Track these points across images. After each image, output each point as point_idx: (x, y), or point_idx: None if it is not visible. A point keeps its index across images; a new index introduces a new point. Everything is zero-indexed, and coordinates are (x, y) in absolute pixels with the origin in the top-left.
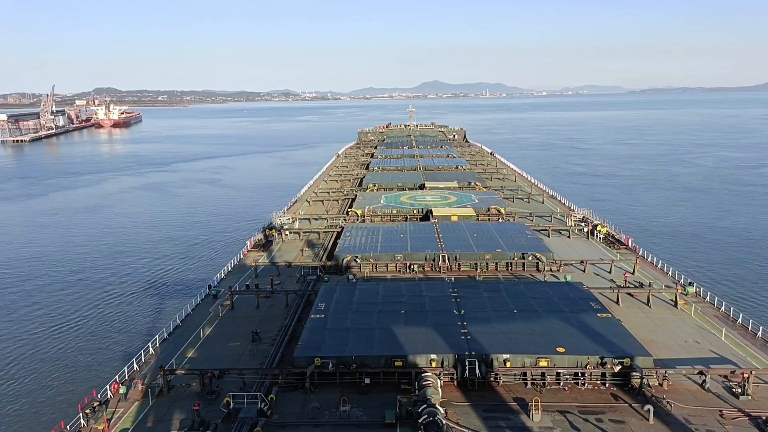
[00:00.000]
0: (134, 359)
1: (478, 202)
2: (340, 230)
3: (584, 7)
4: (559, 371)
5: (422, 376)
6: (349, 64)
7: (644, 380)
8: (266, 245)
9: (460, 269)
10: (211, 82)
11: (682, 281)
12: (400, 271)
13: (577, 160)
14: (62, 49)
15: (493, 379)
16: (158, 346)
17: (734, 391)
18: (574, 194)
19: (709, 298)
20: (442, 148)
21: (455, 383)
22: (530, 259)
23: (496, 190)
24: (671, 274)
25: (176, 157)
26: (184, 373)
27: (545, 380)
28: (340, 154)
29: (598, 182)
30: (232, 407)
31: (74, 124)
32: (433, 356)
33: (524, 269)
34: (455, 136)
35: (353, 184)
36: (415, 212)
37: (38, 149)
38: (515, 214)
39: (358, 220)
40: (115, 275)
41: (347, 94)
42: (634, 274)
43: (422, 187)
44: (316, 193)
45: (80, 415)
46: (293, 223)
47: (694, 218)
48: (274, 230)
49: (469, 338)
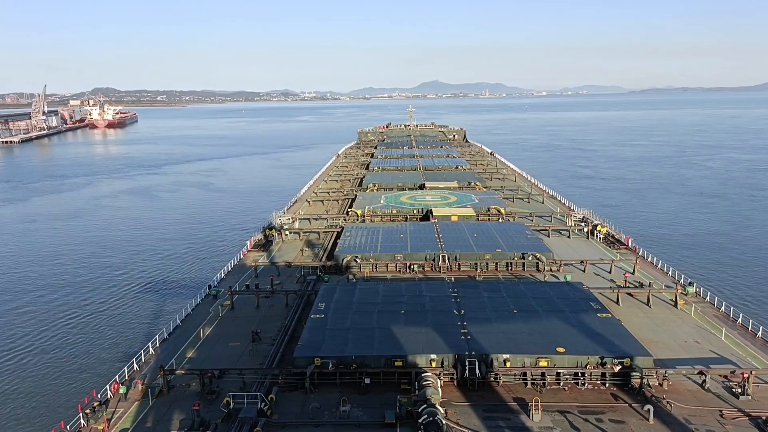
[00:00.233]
0: (134, 359)
1: (478, 202)
2: (340, 230)
3: (584, 7)
4: (559, 371)
5: (422, 376)
6: (348, 64)
7: (644, 380)
8: (266, 245)
9: (460, 269)
10: (210, 82)
11: (682, 281)
12: (400, 271)
13: (583, 162)
14: (61, 49)
15: (493, 379)
16: (158, 346)
17: (734, 391)
18: (583, 200)
19: (709, 298)
20: (442, 148)
21: (455, 383)
22: (530, 259)
23: (496, 190)
24: (671, 274)
25: (169, 158)
26: (184, 373)
27: (545, 380)
28: (340, 154)
29: (608, 186)
30: (232, 407)
31: (68, 124)
32: (433, 356)
33: (524, 269)
34: (455, 136)
35: (353, 184)
36: (415, 212)
37: (28, 150)
38: (515, 214)
39: (358, 220)
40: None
41: (346, 94)
42: (634, 274)
43: (422, 187)
44: (316, 193)
45: (80, 415)
46: (293, 223)
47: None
48: (274, 230)
49: (469, 338)
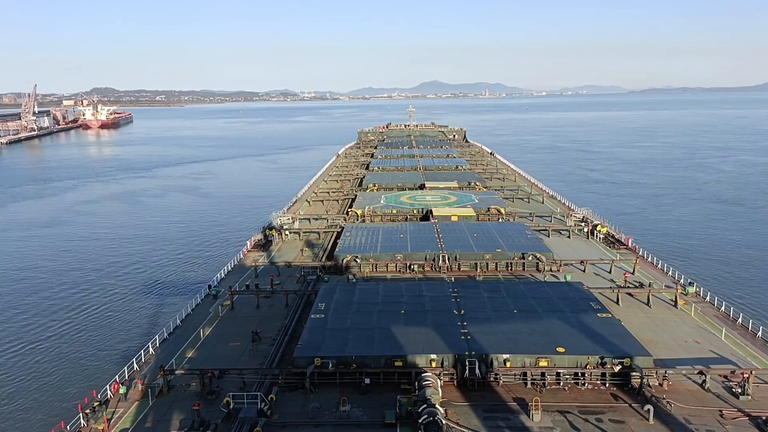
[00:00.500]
0: (134, 359)
1: (478, 202)
2: (340, 230)
3: (584, 7)
4: (559, 371)
5: (422, 376)
6: (347, 64)
7: (644, 380)
8: (266, 245)
9: (460, 269)
10: (210, 82)
11: (682, 281)
12: (400, 271)
13: (589, 165)
14: (61, 49)
15: (493, 379)
16: (158, 346)
17: (734, 391)
18: (594, 205)
19: (709, 298)
20: (442, 148)
21: (455, 383)
22: (530, 259)
23: (496, 190)
24: (671, 274)
25: (162, 160)
26: (184, 373)
27: (545, 380)
28: (340, 154)
29: (619, 192)
30: (232, 407)
31: (60, 125)
32: (433, 356)
33: (524, 269)
34: (455, 136)
35: (353, 184)
36: (415, 212)
37: (16, 152)
38: (515, 214)
39: (358, 220)
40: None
41: (346, 94)
42: (634, 274)
43: (422, 187)
44: (316, 193)
45: (80, 415)
46: (293, 223)
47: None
48: (274, 230)
49: (469, 338)
